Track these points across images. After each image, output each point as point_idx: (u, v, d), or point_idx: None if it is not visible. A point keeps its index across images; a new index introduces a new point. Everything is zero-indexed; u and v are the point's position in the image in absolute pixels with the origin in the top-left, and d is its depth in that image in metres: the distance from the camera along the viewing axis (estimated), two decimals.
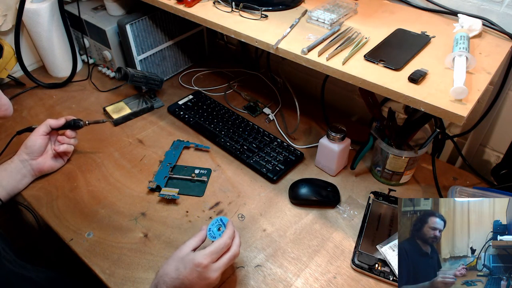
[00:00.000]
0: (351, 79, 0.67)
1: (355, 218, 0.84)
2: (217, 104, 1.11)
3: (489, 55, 0.71)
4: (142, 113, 1.10)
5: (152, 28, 1.12)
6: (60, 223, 0.81)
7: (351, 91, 1.13)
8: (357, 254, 0.75)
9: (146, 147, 1.00)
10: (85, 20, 1.14)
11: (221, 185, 0.91)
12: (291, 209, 0.86)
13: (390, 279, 0.72)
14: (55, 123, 0.89)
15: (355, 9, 0.84)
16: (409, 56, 0.70)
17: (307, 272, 0.74)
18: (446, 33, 0.76)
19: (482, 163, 0.99)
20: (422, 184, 0.92)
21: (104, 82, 1.22)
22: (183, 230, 0.81)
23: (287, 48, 0.73)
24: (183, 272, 0.62)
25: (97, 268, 0.74)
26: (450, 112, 0.59)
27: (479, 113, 0.88)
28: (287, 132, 1.05)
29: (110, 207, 0.85)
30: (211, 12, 0.85)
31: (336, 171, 0.93)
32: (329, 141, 0.88)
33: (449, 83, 0.63)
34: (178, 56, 1.25)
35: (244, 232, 0.81)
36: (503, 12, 0.78)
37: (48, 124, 0.88)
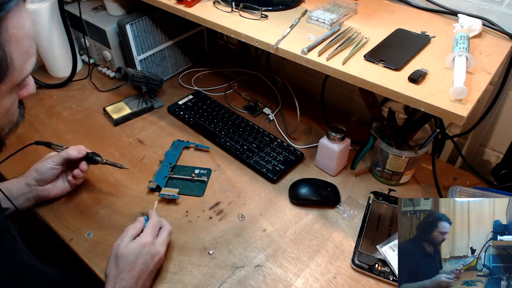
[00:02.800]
0: (351, 79, 0.67)
1: (355, 218, 0.84)
2: (217, 104, 1.11)
3: (489, 55, 0.71)
4: (142, 113, 1.10)
5: (152, 28, 1.12)
6: (60, 223, 0.81)
7: (351, 91, 1.13)
8: (357, 254, 0.75)
9: (146, 147, 1.00)
10: (85, 20, 1.14)
11: (221, 185, 0.91)
12: (291, 209, 0.86)
13: (390, 279, 0.72)
14: (75, 155, 0.81)
15: (355, 9, 0.84)
16: (409, 56, 0.70)
17: (307, 272, 0.74)
18: (446, 33, 0.76)
19: (482, 163, 0.99)
20: (422, 184, 0.92)
21: (104, 82, 1.22)
22: (183, 230, 0.81)
23: (287, 48, 0.73)
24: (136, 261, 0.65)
25: (97, 268, 0.74)
26: (450, 112, 0.59)
27: (479, 113, 0.88)
28: (287, 132, 1.05)
29: (110, 207, 0.85)
30: (211, 12, 0.85)
31: (336, 171, 0.93)
32: (329, 141, 0.88)
33: (449, 83, 0.63)
34: (178, 56, 1.25)
35: (244, 232, 0.81)
36: (503, 12, 0.78)
37: (67, 156, 0.81)
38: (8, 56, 0.43)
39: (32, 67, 0.49)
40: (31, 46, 0.47)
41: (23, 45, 0.45)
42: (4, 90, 0.46)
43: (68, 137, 1.02)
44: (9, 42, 0.43)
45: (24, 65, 0.47)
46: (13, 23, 0.43)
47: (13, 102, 0.50)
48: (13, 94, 0.49)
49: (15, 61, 0.44)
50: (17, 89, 0.50)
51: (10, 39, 0.43)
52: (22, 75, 0.47)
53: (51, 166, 0.80)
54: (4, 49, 0.42)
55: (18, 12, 0.44)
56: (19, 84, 0.49)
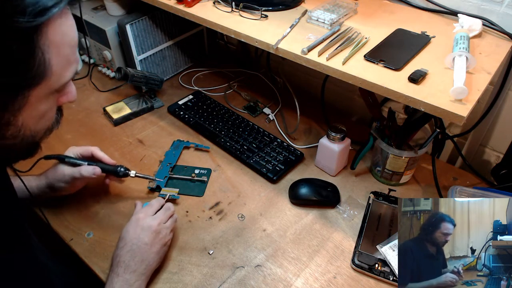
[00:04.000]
0: (351, 79, 0.67)
1: (355, 218, 0.84)
2: (217, 104, 1.11)
3: (489, 55, 0.71)
4: (142, 113, 1.10)
5: (152, 28, 1.12)
6: (60, 223, 0.81)
7: (351, 91, 1.13)
8: (357, 254, 0.75)
9: (146, 147, 1.00)
10: (85, 20, 1.14)
11: (221, 185, 0.91)
12: (291, 209, 0.86)
13: (390, 279, 0.72)
14: (89, 176, 0.78)
15: (355, 9, 0.84)
16: (409, 56, 0.70)
17: (307, 272, 0.74)
18: (446, 33, 0.76)
19: (482, 163, 0.99)
20: (422, 184, 0.92)
21: (104, 82, 1.22)
22: (183, 230, 0.81)
23: (287, 48, 0.73)
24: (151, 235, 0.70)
25: (97, 268, 0.74)
26: (450, 112, 0.59)
27: (479, 113, 0.88)
28: (287, 132, 1.05)
29: (110, 207, 0.85)
30: (211, 12, 0.85)
31: (336, 171, 0.93)
32: (329, 141, 0.88)
33: (449, 83, 0.63)
34: (178, 56, 1.25)
35: (244, 232, 0.81)
36: (503, 12, 0.78)
37: (80, 176, 0.77)
38: (47, 61, 0.43)
39: (72, 75, 0.48)
40: (73, 53, 0.47)
41: (64, 52, 0.45)
42: (41, 94, 0.45)
43: (68, 137, 1.02)
44: (49, 47, 0.43)
45: (64, 71, 0.46)
46: (55, 30, 0.43)
47: (50, 108, 0.49)
48: (50, 99, 0.48)
49: (53, 67, 0.44)
50: (56, 95, 0.49)
51: (50, 44, 0.42)
52: (61, 81, 0.47)
53: (63, 186, 0.79)
54: (44, 54, 0.42)
55: (61, 19, 0.43)
56: (59, 90, 0.48)
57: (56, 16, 0.42)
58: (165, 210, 0.76)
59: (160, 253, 0.72)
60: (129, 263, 0.67)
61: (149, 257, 0.69)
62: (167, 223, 0.74)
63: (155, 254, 0.70)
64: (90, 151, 0.81)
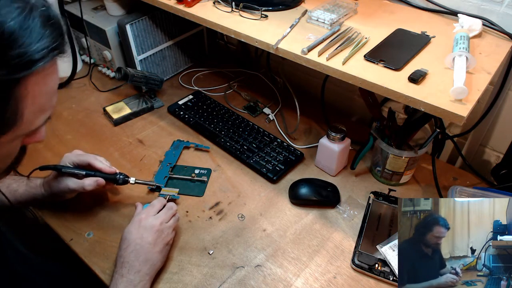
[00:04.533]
0: (351, 79, 0.67)
1: (355, 218, 0.84)
2: (217, 104, 1.11)
3: (489, 55, 0.71)
4: (142, 113, 1.10)
5: (152, 28, 1.12)
6: (60, 223, 0.81)
7: (351, 91, 1.13)
8: (357, 254, 0.75)
9: (146, 147, 1.00)
10: (85, 20, 1.14)
11: (221, 185, 0.91)
12: (291, 209, 0.86)
13: (390, 279, 0.72)
14: (91, 189, 0.76)
15: (355, 9, 0.84)
16: (409, 56, 0.70)
17: (307, 272, 0.74)
18: (446, 33, 0.76)
19: (482, 163, 0.99)
20: (422, 184, 0.92)
21: (104, 82, 1.22)
22: (183, 230, 0.81)
23: (287, 48, 0.73)
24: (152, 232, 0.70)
25: (97, 268, 0.74)
26: (450, 112, 0.59)
27: (479, 113, 0.88)
28: (287, 132, 1.05)
29: (110, 207, 0.85)
30: (211, 12, 0.85)
31: (336, 171, 0.93)
32: (329, 141, 0.88)
33: (449, 83, 0.63)
34: (178, 56, 1.25)
35: (244, 232, 0.81)
36: (503, 12, 0.78)
37: (83, 190, 0.76)
38: (20, 110, 0.41)
39: (43, 121, 0.46)
40: (48, 101, 0.45)
41: (39, 101, 0.43)
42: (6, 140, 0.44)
43: (68, 137, 1.02)
44: (25, 98, 0.41)
45: (35, 119, 0.44)
46: (37, 81, 0.41)
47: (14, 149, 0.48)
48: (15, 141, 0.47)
49: (25, 116, 0.42)
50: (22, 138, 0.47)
51: (28, 94, 0.41)
52: (30, 128, 0.45)
53: (67, 196, 0.79)
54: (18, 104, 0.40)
55: (44, 72, 0.42)
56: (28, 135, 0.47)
57: (40, 69, 0.40)
58: (167, 209, 0.76)
59: (163, 252, 0.72)
60: (133, 263, 0.67)
61: (153, 256, 0.69)
62: (169, 222, 0.74)
63: (158, 254, 0.70)
64: (87, 161, 0.78)
